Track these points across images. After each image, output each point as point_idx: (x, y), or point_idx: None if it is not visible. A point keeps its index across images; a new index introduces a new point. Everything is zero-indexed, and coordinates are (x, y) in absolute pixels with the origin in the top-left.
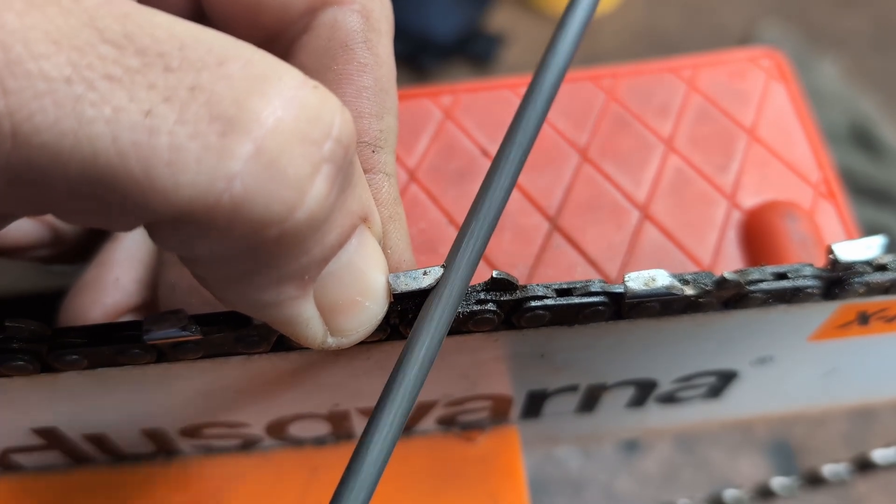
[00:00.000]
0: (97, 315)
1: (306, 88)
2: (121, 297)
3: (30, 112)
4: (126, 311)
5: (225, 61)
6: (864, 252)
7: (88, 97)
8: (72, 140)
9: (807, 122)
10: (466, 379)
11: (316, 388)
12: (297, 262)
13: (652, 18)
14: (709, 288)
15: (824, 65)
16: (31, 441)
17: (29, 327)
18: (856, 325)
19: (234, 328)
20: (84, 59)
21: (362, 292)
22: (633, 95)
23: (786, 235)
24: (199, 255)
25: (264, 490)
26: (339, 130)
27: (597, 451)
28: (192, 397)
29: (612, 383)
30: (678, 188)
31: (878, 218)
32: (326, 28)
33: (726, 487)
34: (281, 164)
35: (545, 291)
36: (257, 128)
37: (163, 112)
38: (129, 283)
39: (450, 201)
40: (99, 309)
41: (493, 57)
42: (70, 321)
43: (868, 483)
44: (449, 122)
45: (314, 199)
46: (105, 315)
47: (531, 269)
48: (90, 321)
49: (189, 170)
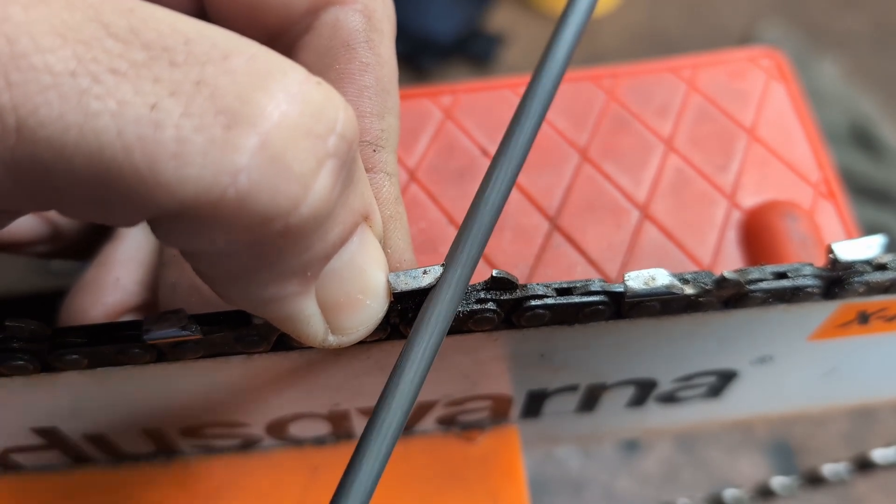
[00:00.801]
0: (97, 315)
1: (310, 84)
2: (121, 297)
3: (34, 106)
4: (126, 311)
5: (229, 56)
6: (864, 251)
7: (94, 91)
8: (77, 134)
9: (807, 122)
10: (466, 379)
11: (316, 387)
12: (299, 258)
13: (652, 18)
14: (709, 287)
15: (824, 65)
16: (31, 441)
17: (29, 327)
18: (856, 324)
19: (234, 328)
20: (89, 52)
21: (363, 290)
22: (633, 95)
23: (786, 235)
24: (201, 249)
25: (264, 490)
26: (342, 126)
27: (597, 451)
28: (192, 397)
29: (612, 383)
30: (678, 188)
31: (878, 218)
32: (328, 27)
33: (726, 487)
34: (286, 159)
35: (545, 290)
36: (262, 122)
37: (168, 106)
38: (130, 283)
39: (450, 201)
40: (99, 309)
41: (493, 57)
42: (70, 321)
43: (868, 483)
44: (449, 122)
45: (318, 193)
46: (105, 315)
47: (531, 269)
48: (90, 321)
49: (194, 163)
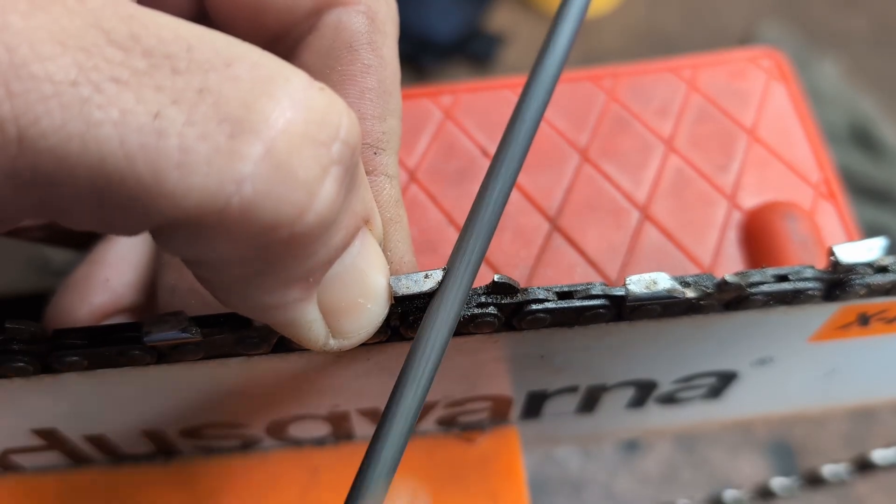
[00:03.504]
0: (83, 314)
1: (313, 90)
2: (108, 298)
3: (36, 116)
4: (114, 313)
5: (232, 63)
6: (866, 254)
7: (95, 100)
8: (79, 143)
9: (807, 122)
10: (466, 380)
11: (316, 389)
12: (303, 265)
13: (652, 18)
14: (710, 290)
15: (824, 65)
16: (31, 442)
17: (29, 328)
18: (856, 326)
19: (234, 330)
20: (90, 60)
21: (364, 294)
22: (633, 95)
23: (786, 236)
24: (204, 257)
25: (264, 490)
26: (346, 132)
27: (597, 451)
28: (192, 398)
29: (612, 384)
30: (678, 188)
31: (879, 218)
32: (331, 29)
33: (726, 488)
34: (291, 166)
35: (546, 294)
36: (267, 129)
37: (171, 114)
38: (119, 284)
39: (450, 201)
40: (85, 308)
41: (493, 57)
42: (56, 318)
43: (868, 483)
44: (449, 122)
45: (323, 201)
46: (91, 314)
47: (531, 270)
48: (76, 320)
49: (199, 172)
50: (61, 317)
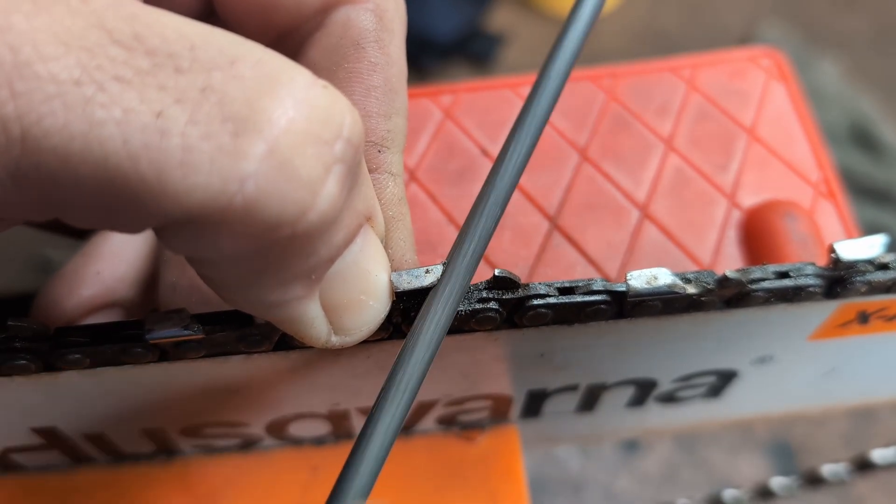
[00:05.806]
0: (72, 306)
1: (316, 88)
2: (98, 292)
3: (39, 115)
4: (102, 307)
5: (236, 61)
6: (866, 251)
7: (98, 99)
8: (82, 143)
9: (807, 122)
10: (466, 378)
11: (316, 387)
12: (305, 263)
13: (652, 18)
14: (711, 286)
15: (824, 65)
16: (31, 441)
17: (32, 326)
18: (856, 324)
19: (236, 327)
20: (93, 60)
21: (366, 291)
22: (633, 95)
23: (785, 235)
24: (207, 256)
25: (264, 490)
26: (349, 131)
27: (597, 451)
28: (193, 396)
29: (612, 383)
30: (678, 188)
31: (878, 218)
32: (339, 26)
33: (726, 487)
34: (294, 165)
35: (547, 290)
36: (270, 128)
37: (174, 113)
38: (111, 278)
39: (450, 201)
40: (74, 300)
41: (493, 57)
42: (44, 309)
43: (868, 483)
44: (449, 121)
45: (326, 199)
46: (80, 307)
47: (531, 269)
48: (64, 310)
49: (202, 171)
50: (49, 307)
